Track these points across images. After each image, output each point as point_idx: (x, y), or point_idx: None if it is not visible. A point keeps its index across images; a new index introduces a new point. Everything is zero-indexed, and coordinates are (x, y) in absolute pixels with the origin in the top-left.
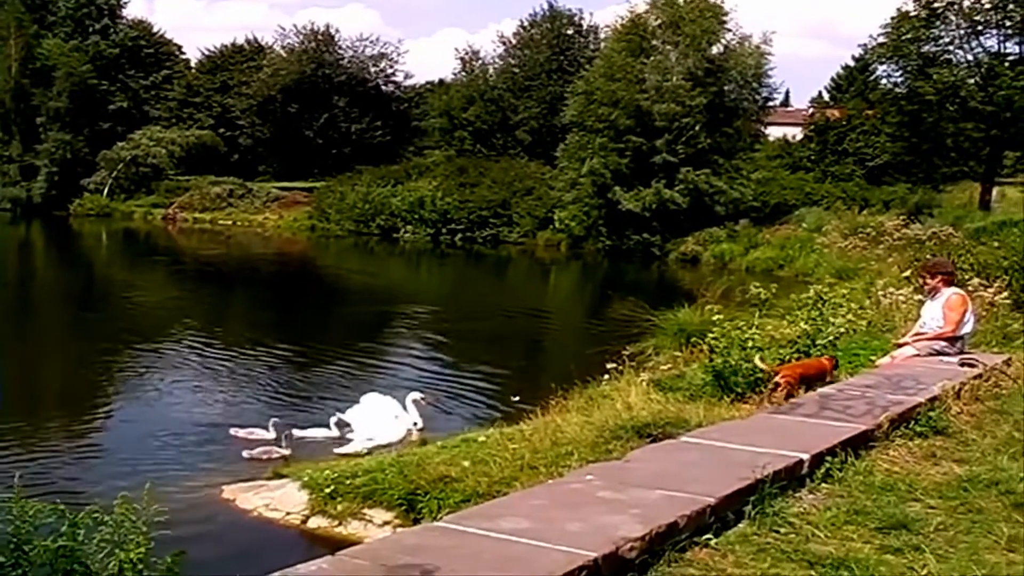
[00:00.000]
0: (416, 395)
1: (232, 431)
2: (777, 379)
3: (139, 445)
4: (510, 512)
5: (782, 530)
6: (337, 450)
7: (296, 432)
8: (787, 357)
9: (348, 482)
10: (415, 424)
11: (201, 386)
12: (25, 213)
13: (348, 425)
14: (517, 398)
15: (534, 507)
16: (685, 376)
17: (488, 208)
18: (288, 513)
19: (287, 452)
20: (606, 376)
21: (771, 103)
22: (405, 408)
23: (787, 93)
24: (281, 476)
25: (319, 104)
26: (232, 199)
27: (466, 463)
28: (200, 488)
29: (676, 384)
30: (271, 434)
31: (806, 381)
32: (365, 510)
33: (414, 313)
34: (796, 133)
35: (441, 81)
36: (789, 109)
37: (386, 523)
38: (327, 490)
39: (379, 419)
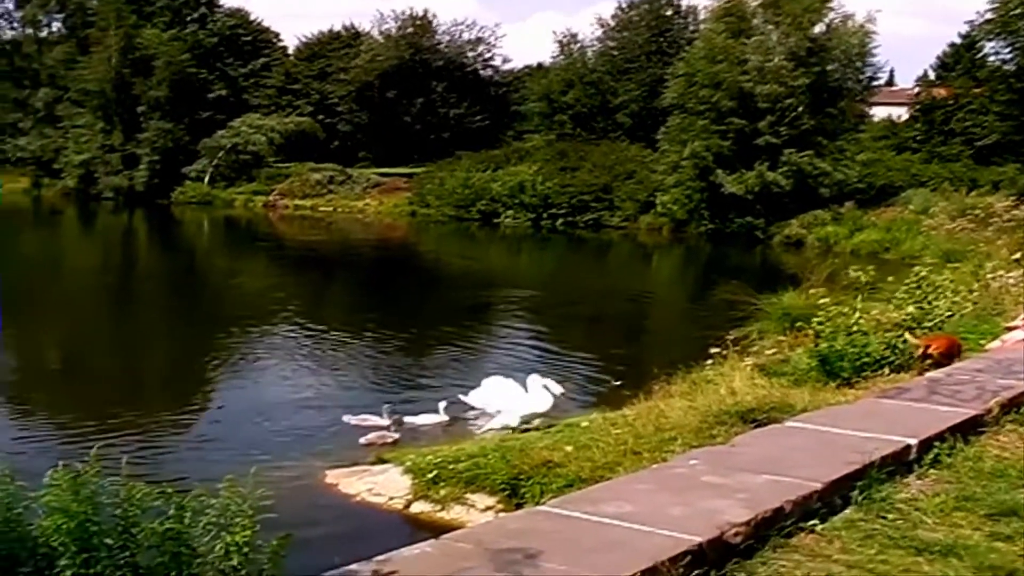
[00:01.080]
0: (549, 384)
1: (345, 418)
2: (931, 350)
3: (243, 430)
4: (614, 496)
5: (890, 516)
6: (486, 427)
7: (407, 419)
8: (893, 341)
9: (451, 467)
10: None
11: (303, 371)
12: (128, 202)
13: (472, 407)
14: (619, 383)
15: (638, 492)
16: (790, 361)
17: (589, 192)
18: (391, 498)
19: (397, 436)
20: (709, 361)
21: (875, 83)
22: (526, 391)
23: (892, 72)
24: (384, 461)
25: (417, 89)
26: (332, 185)
27: (569, 448)
28: (303, 472)
29: (781, 369)
30: (385, 420)
31: (950, 354)
32: (468, 495)
33: (516, 298)
34: (902, 113)
35: (539, 65)
36: (894, 88)
37: (488, 508)
38: (430, 475)
39: (519, 396)
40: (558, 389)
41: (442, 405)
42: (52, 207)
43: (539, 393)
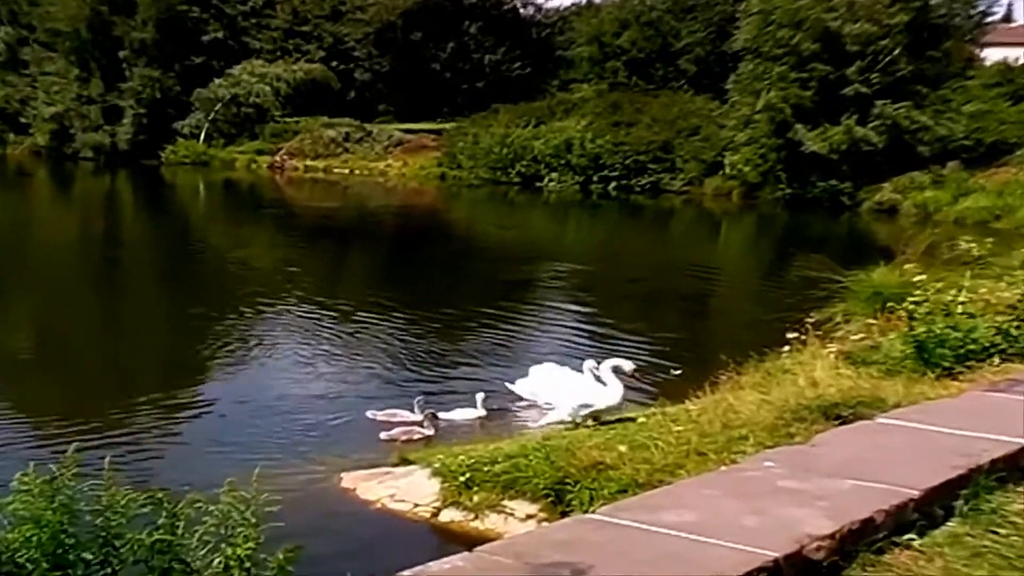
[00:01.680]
0: (622, 363)
1: (369, 414)
2: None
3: (245, 426)
4: (675, 503)
5: (1002, 531)
6: (541, 421)
7: (442, 415)
8: (1004, 325)
9: (486, 469)
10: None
11: (317, 358)
12: (110, 162)
13: (519, 398)
14: (679, 372)
15: (703, 498)
16: (881, 348)
17: (647, 151)
18: (416, 505)
19: (430, 433)
20: (786, 347)
21: (989, 19)
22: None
23: (1009, 6)
24: (408, 462)
25: (446, 32)
26: (348, 144)
27: (623, 448)
28: (316, 475)
29: (870, 357)
30: (416, 415)
31: None
32: (506, 501)
33: (561, 273)
34: (1019, 56)
35: (589, 3)
36: (1012, 26)
37: (530, 516)
38: (462, 478)
39: (581, 385)
40: (629, 367)
41: (479, 397)
42: (19, 168)
43: (609, 379)
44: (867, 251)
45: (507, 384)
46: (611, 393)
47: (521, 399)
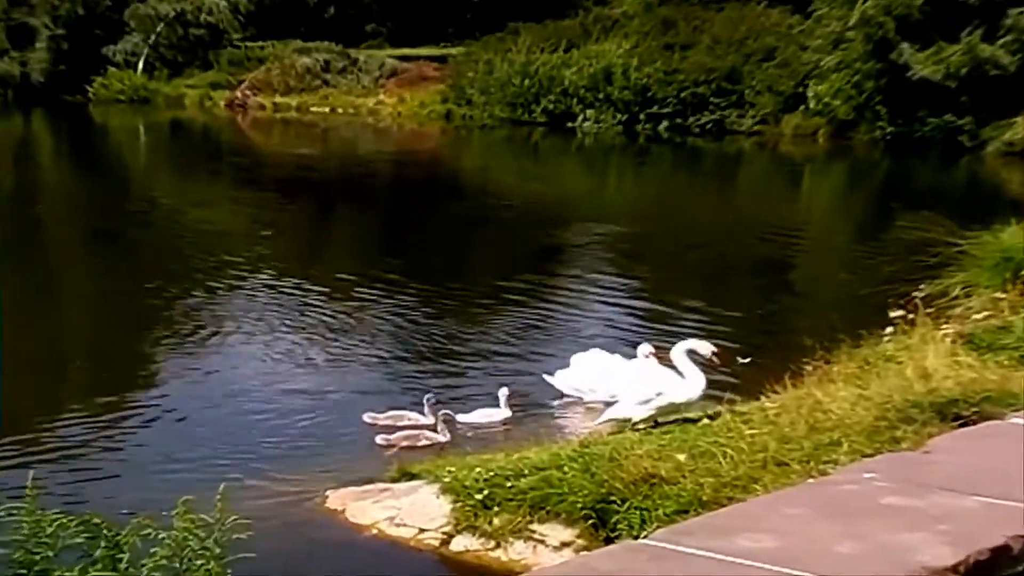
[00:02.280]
0: (698, 344)
1: (367, 417)
2: None
3: (207, 433)
4: (750, 526)
5: None
6: (598, 421)
7: (460, 418)
8: None
9: (510, 485)
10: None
11: (298, 347)
12: (21, 98)
13: (561, 394)
14: (748, 360)
15: (786, 519)
16: (1012, 328)
17: (708, 82)
18: (422, 530)
19: (444, 439)
20: (889, 329)
21: None
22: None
23: None
24: (411, 476)
25: None
26: (328, 75)
27: (681, 456)
28: (296, 493)
29: (998, 340)
30: (426, 416)
31: None
32: (534, 525)
33: (601, 237)
34: None
35: None
36: None
37: (565, 544)
38: (479, 496)
39: (648, 375)
40: (707, 349)
41: (503, 394)
42: None
43: (685, 366)
44: (994, 205)
45: (545, 376)
46: (690, 383)
47: (561, 395)
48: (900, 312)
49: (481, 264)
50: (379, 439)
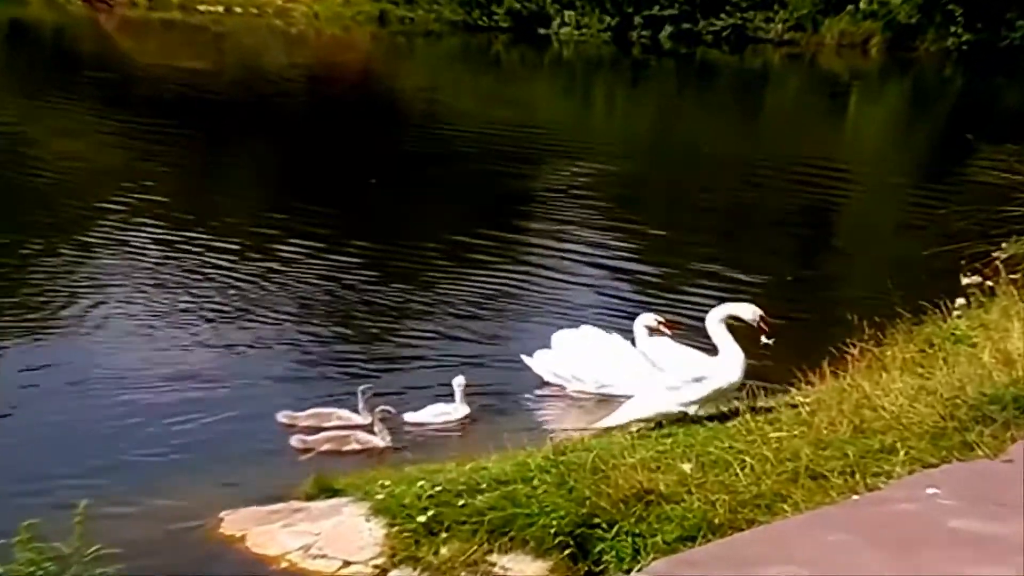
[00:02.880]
0: (740, 307)
1: (282, 416)
2: None
3: (64, 436)
4: (777, 555)
5: None
6: (603, 422)
7: (408, 415)
8: None
9: (462, 503)
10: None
11: (187, 323)
12: None
13: (543, 381)
14: (773, 341)
15: (824, 547)
16: None
17: None
18: (347, 563)
19: (383, 444)
20: (960, 300)
21: None
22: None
23: None
24: (333, 491)
25: None
26: None
27: (686, 466)
28: (180, 515)
29: None
30: (361, 415)
31: None
32: (494, 556)
33: (586, 178)
34: None
35: None
36: None
37: None
38: (422, 517)
39: (682, 355)
40: (752, 313)
41: (459, 384)
42: None
43: (723, 339)
44: None
45: (522, 359)
46: (727, 364)
47: (540, 383)
48: (975, 278)
49: (433, 214)
50: (294, 442)
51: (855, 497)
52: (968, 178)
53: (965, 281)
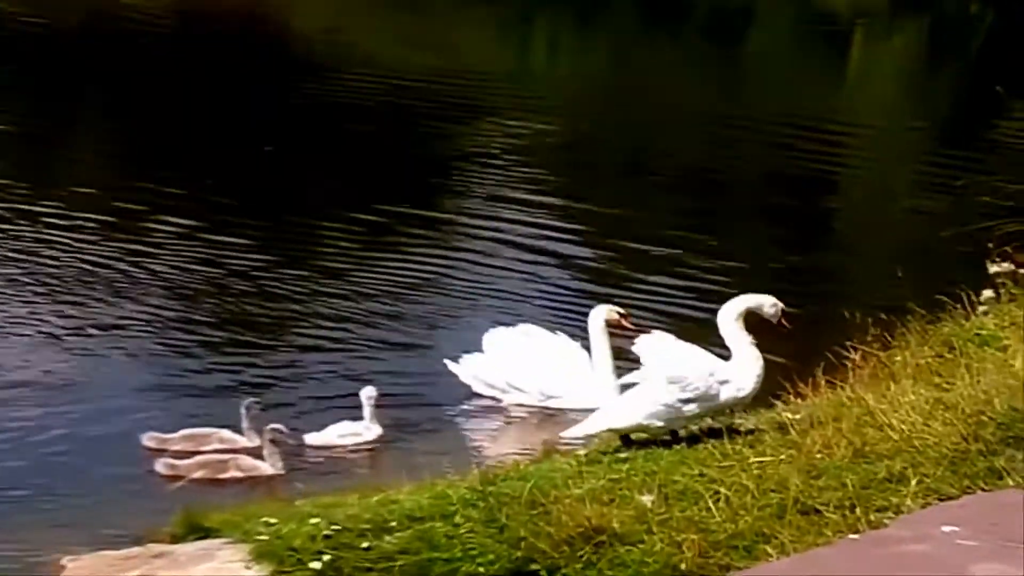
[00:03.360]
0: (760, 299)
1: (147, 438)
2: None
3: None
4: None
5: None
6: (578, 431)
7: (309, 437)
8: None
9: (366, 545)
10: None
11: (31, 321)
12: None
13: (473, 392)
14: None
15: None
16: None
17: None
18: None
19: (271, 471)
20: (986, 294)
21: None
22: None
23: None
24: (205, 531)
25: None
26: None
27: (646, 498)
28: (12, 561)
29: None
30: (248, 438)
31: None
32: None
33: (525, 142)
34: None
35: None
36: None
37: None
38: (315, 564)
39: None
40: (774, 307)
41: (368, 396)
42: None
43: (736, 338)
44: None
45: (448, 364)
46: (743, 371)
47: (469, 394)
48: (1005, 266)
49: (338, 186)
50: (162, 467)
51: (853, 536)
52: (997, 141)
53: (993, 269)
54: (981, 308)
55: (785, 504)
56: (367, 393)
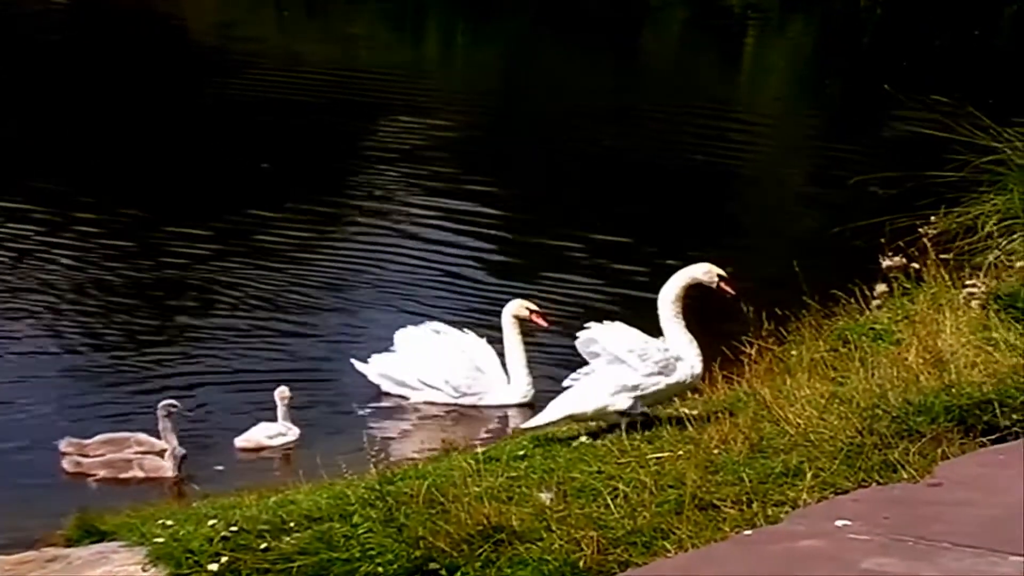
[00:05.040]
0: (702, 270)
1: (64, 443)
2: None
3: None
4: None
5: None
6: (552, 412)
7: (240, 439)
8: None
9: (264, 546)
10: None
11: None
12: None
13: (379, 391)
14: None
15: None
16: None
17: None
18: None
19: (169, 472)
20: (880, 287)
21: None
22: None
23: None
24: (100, 534)
25: None
26: None
27: (544, 496)
28: None
29: None
30: (165, 437)
31: None
32: None
33: (427, 135)
34: None
35: None
36: None
37: None
38: (213, 566)
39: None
40: (710, 273)
41: (281, 396)
42: None
43: (672, 322)
44: None
45: (355, 363)
46: (686, 354)
47: (378, 394)
48: (898, 260)
49: (239, 183)
50: (67, 465)
51: (748, 532)
52: (889, 137)
53: (886, 263)
54: (874, 302)
55: (683, 500)
56: (281, 393)
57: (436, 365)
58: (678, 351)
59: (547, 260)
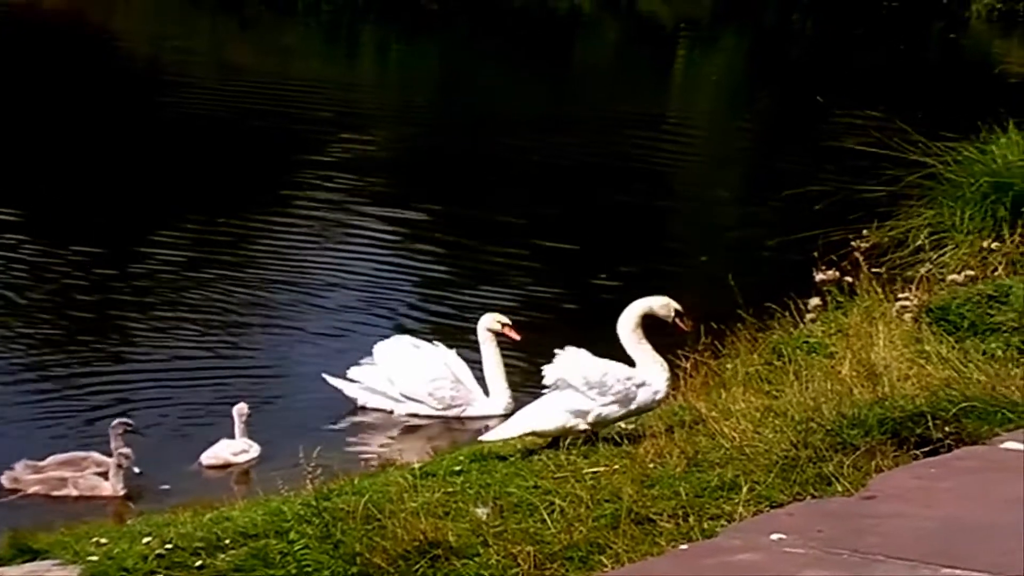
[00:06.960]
0: (654, 301)
1: (23, 466)
2: None
3: None
4: None
5: None
6: (513, 427)
7: (205, 456)
8: None
9: (199, 563)
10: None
11: None
12: None
13: (355, 405)
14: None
15: None
16: (1010, 297)
17: None
18: None
19: (109, 491)
20: (813, 301)
21: None
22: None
23: None
24: (33, 552)
25: None
26: None
27: (481, 511)
28: None
29: (987, 317)
30: (118, 459)
31: None
32: None
33: (349, 150)
34: None
35: None
36: None
37: None
38: None
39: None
40: (668, 308)
41: (240, 413)
42: None
43: (638, 346)
44: (981, 99)
45: (328, 379)
46: (651, 376)
47: (354, 408)
48: (831, 273)
49: (186, 195)
50: (4, 480)
51: (684, 547)
52: (820, 150)
53: (819, 277)
54: (808, 316)
55: (619, 514)
56: (239, 410)
57: (419, 378)
58: (644, 377)
59: (473, 284)
